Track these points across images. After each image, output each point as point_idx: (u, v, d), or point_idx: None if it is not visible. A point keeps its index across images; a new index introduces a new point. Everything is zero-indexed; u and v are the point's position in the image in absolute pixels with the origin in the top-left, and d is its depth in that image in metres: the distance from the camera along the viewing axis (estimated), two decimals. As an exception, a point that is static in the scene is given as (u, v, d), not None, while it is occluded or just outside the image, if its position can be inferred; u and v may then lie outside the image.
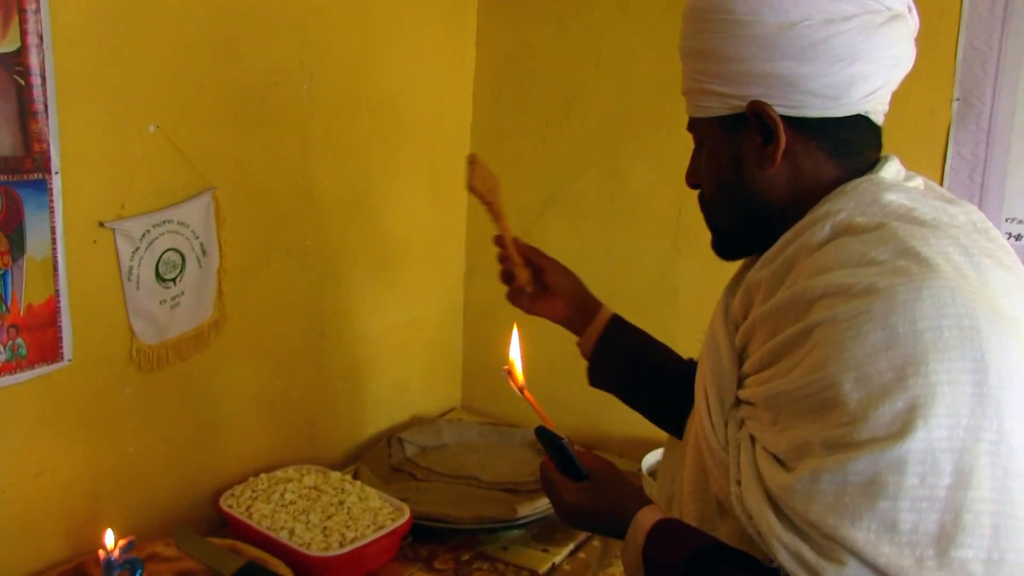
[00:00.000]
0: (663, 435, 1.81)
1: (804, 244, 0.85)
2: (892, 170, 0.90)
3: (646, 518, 0.93)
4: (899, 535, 0.71)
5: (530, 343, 1.98)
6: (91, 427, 1.35)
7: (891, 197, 0.84)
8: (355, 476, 1.61)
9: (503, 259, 1.27)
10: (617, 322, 1.27)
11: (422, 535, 1.53)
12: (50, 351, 1.26)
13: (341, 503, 1.47)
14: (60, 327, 1.27)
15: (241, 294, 1.52)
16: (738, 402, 0.90)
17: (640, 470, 1.72)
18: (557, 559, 1.51)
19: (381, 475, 1.69)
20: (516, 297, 1.28)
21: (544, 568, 1.48)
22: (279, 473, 1.55)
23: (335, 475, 1.56)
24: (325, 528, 1.41)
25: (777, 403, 0.81)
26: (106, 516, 1.37)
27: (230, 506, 1.46)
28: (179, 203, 1.39)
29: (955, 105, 1.47)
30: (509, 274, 1.26)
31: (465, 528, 1.53)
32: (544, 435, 1.05)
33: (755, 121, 0.88)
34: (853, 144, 0.90)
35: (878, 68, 0.86)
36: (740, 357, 0.91)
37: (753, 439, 0.85)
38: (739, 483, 0.84)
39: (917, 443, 0.70)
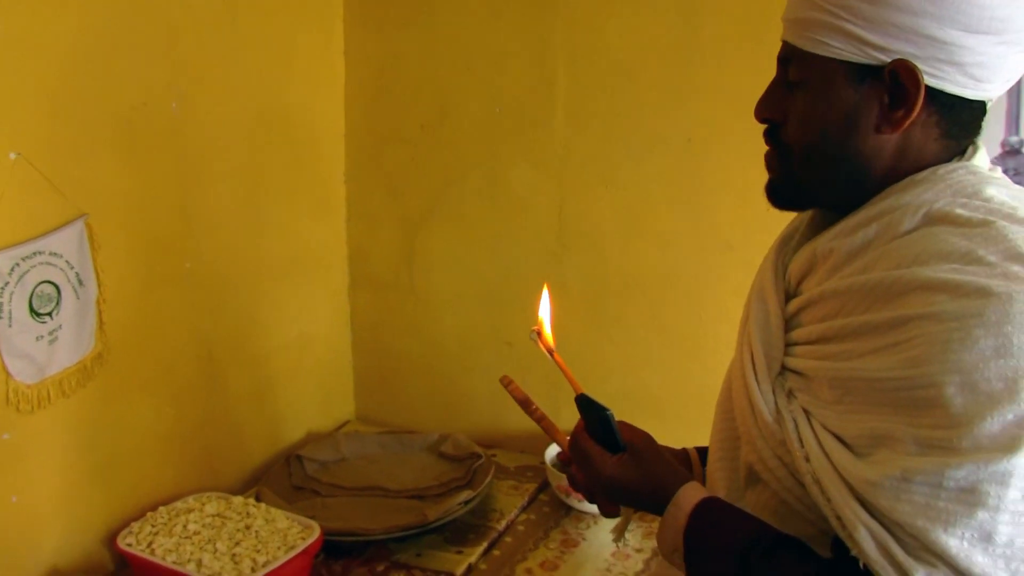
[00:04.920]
0: (566, 427, 1.85)
1: (889, 227, 0.81)
2: (983, 158, 0.86)
3: (687, 498, 0.89)
4: (995, 546, 0.70)
5: (430, 347, 2.00)
6: (-30, 479, 1.27)
7: (993, 192, 0.80)
8: (258, 498, 1.57)
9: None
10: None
11: (334, 551, 1.51)
12: (-81, 400, 1.18)
13: (248, 527, 1.44)
14: (-72, 374, 1.19)
15: (124, 323, 1.46)
16: (782, 369, 0.87)
17: (543, 462, 1.75)
18: (472, 559, 1.52)
19: (284, 495, 1.65)
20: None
21: (460, 570, 1.49)
22: (179, 504, 1.50)
23: (238, 500, 1.51)
24: (234, 555, 1.37)
25: (847, 385, 0.79)
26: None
27: (129, 544, 1.39)
28: (49, 233, 1.32)
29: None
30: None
31: (377, 539, 1.52)
32: (586, 404, 1.00)
33: (889, 80, 0.80)
34: (967, 128, 0.84)
35: None
36: (788, 322, 0.88)
37: (808, 413, 0.83)
38: (808, 460, 0.81)
39: None
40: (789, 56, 0.87)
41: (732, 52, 1.61)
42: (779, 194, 0.92)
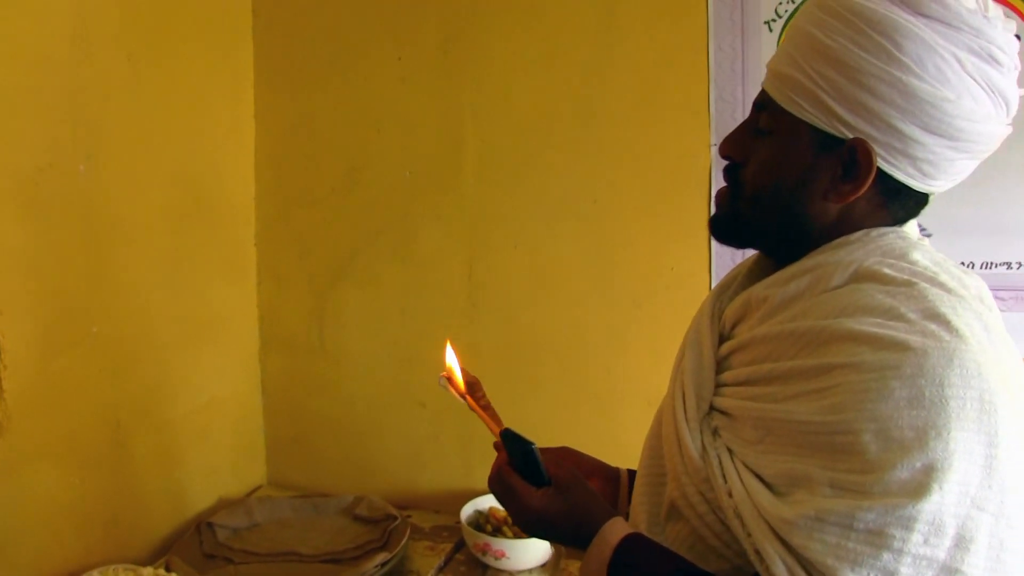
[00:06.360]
0: (481, 485, 1.86)
1: (821, 280, 0.87)
2: (913, 227, 0.92)
3: (613, 532, 0.91)
4: None
5: (342, 408, 1.99)
6: None
7: (918, 256, 0.86)
8: (167, 568, 1.53)
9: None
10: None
11: (248, 620, 1.48)
12: None
13: (158, 599, 1.40)
14: None
15: (27, 391, 1.42)
16: (710, 409, 0.92)
17: (459, 521, 1.75)
18: (390, 621, 1.51)
19: (195, 564, 1.61)
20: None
21: (378, 633, 1.47)
22: (83, 578, 1.45)
23: (147, 571, 1.47)
24: (144, 628, 1.33)
25: (769, 426, 0.84)
26: None
27: (30, 623, 1.34)
28: (-50, 300, 1.29)
29: (712, 149, 1.65)
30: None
31: (292, 606, 1.50)
32: (511, 439, 1.00)
33: (847, 155, 0.86)
34: (909, 211, 0.91)
35: (973, 165, 0.88)
36: (719, 364, 0.94)
37: (731, 452, 0.87)
38: (731, 495, 0.85)
39: (930, 505, 0.73)
40: (764, 104, 0.92)
41: (634, 118, 1.69)
42: (721, 228, 0.97)
